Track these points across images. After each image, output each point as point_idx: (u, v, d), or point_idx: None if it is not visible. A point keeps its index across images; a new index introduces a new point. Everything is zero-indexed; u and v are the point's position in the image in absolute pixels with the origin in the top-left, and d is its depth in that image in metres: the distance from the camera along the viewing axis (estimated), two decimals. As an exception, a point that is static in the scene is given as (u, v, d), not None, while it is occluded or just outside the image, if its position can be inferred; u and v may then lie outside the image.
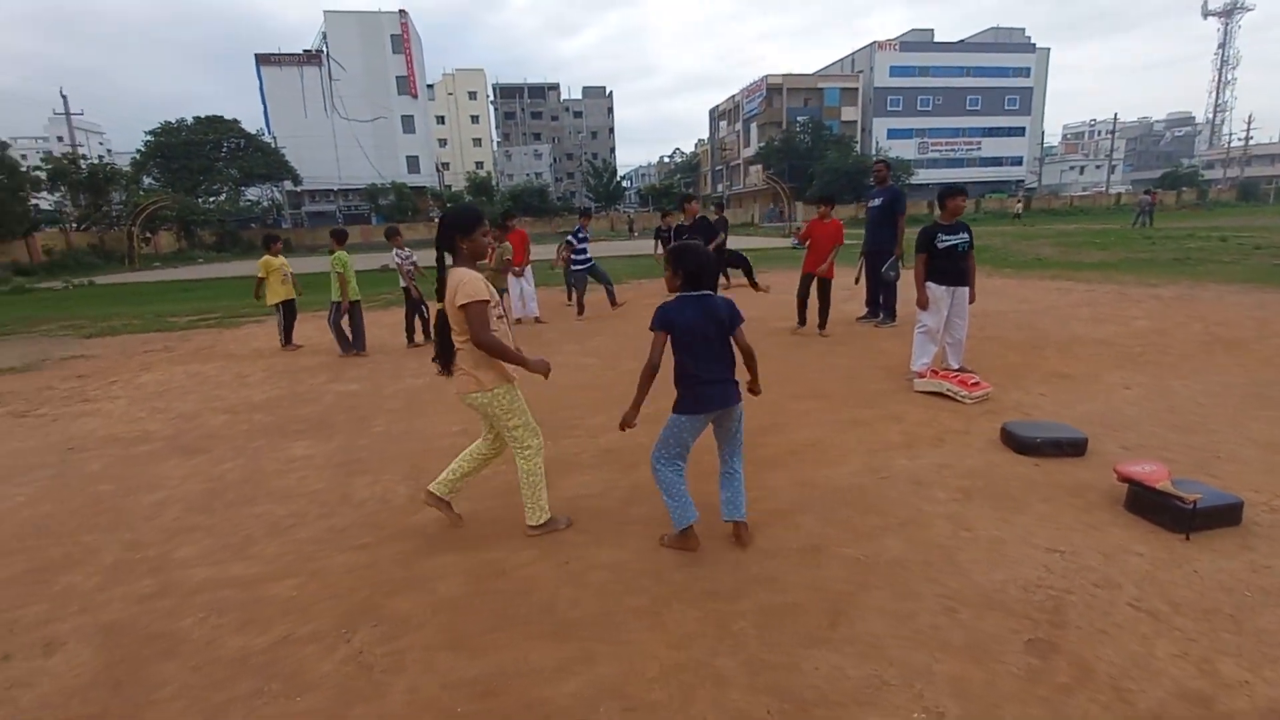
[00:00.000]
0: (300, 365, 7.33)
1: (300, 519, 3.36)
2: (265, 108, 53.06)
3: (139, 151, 41.15)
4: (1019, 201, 45.22)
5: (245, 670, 2.21)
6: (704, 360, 2.71)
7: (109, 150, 67.75)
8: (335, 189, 55.22)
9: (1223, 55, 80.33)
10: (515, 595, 2.58)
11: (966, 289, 5.31)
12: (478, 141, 77.98)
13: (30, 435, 5.09)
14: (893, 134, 59.80)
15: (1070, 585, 2.48)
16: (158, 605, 2.63)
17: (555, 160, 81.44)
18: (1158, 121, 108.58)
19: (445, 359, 2.89)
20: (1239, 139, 68.85)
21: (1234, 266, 12.24)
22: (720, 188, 71.31)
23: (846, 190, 52.17)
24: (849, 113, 61.08)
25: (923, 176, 55.89)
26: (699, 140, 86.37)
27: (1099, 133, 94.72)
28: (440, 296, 2.80)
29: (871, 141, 58.68)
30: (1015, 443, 3.79)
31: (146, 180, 39.00)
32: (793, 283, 8.12)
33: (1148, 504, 2.94)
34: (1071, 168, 79.25)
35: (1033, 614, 2.32)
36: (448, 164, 71.40)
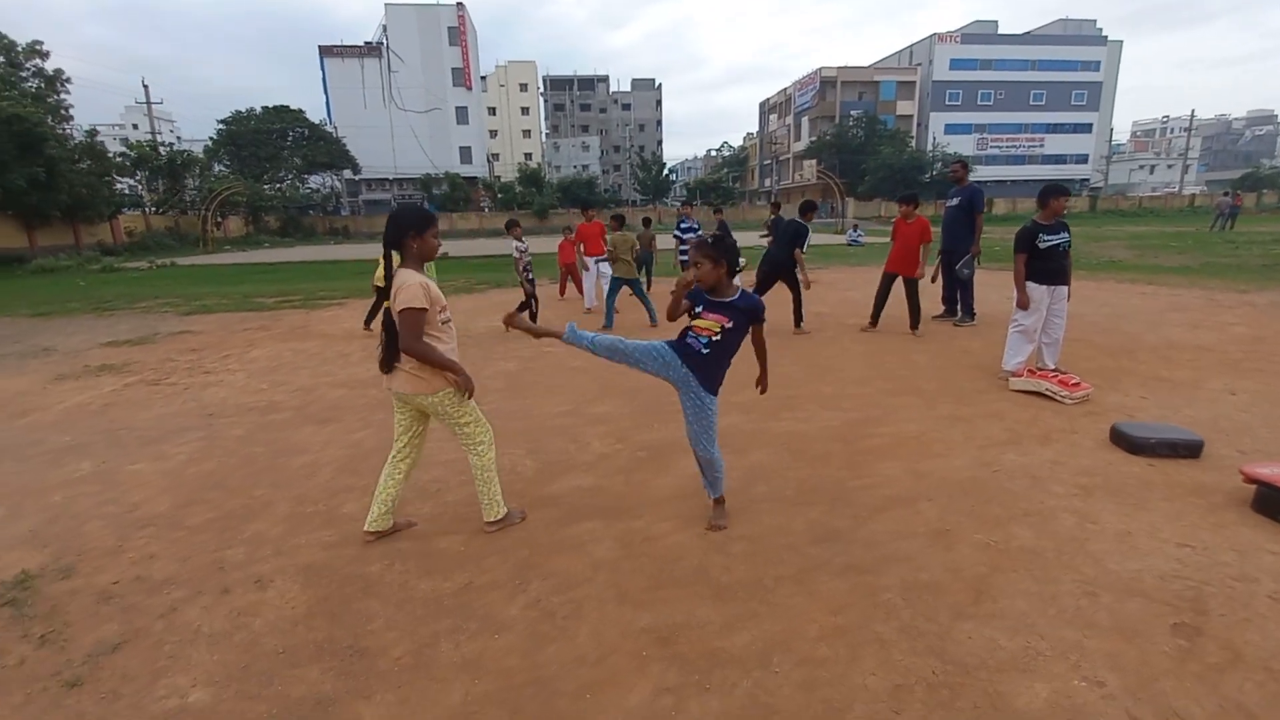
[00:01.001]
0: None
1: (443, 485, 3.65)
2: (327, 98, 54.83)
3: (211, 139, 43.11)
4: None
5: (441, 610, 2.48)
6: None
7: (179, 138, 70.84)
8: (391, 178, 56.71)
9: (1314, 49, 75.10)
10: (667, 560, 2.79)
11: (1066, 288, 5.31)
12: (527, 133, 78.82)
13: (169, 402, 5.56)
14: (950, 129, 58.16)
15: (1206, 578, 2.56)
16: (342, 552, 2.94)
17: (603, 153, 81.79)
18: (1237, 119, 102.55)
19: (388, 356, 2.77)
20: (1329, 138, 64.50)
21: (1330, 274, 11.67)
22: (768, 182, 70.58)
23: (900, 186, 51.08)
24: (905, 107, 59.67)
25: (981, 173, 54.21)
26: (747, 134, 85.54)
27: (1171, 130, 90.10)
28: (387, 294, 2.73)
29: (928, 136, 57.19)
30: (1127, 443, 3.83)
31: (217, 167, 40.80)
32: (854, 280, 8.13)
33: (1275, 505, 2.97)
34: (1141, 166, 75.79)
35: (1173, 601, 2.42)
36: (498, 155, 72.52)
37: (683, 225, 10.10)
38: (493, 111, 73.45)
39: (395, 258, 2.78)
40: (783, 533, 3.00)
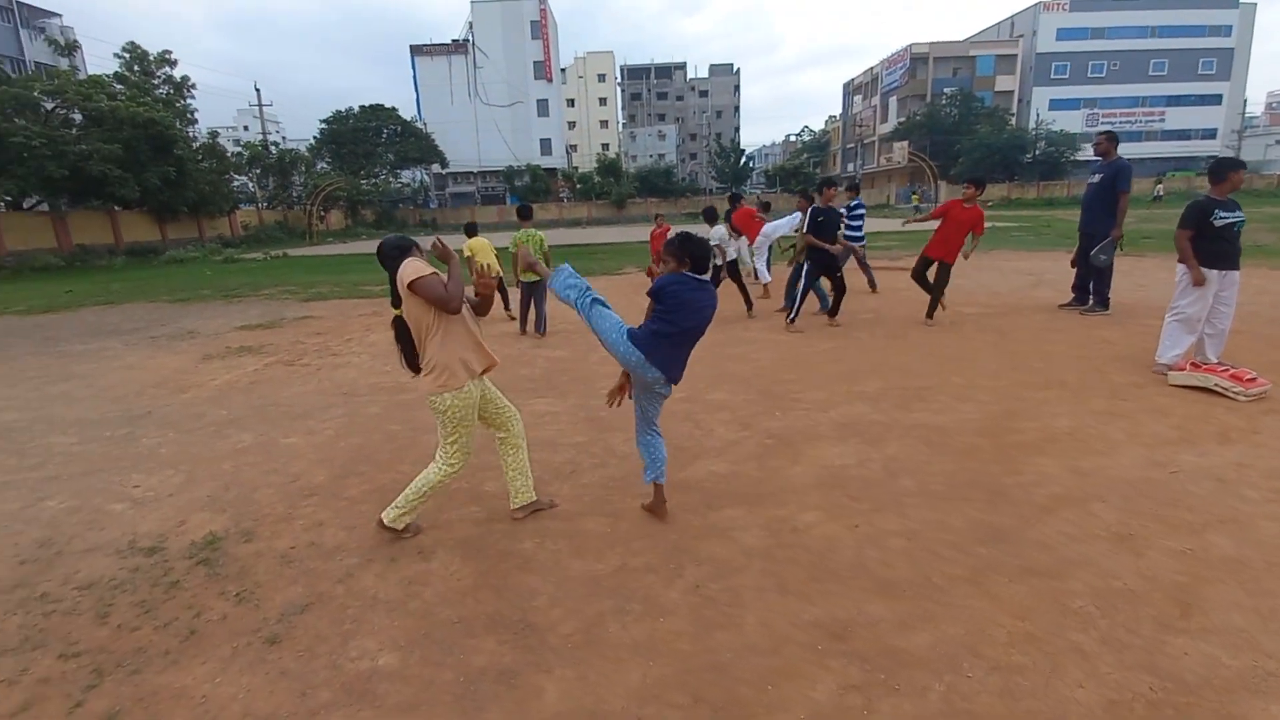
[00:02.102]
0: (501, 332, 7.95)
1: (577, 466, 3.70)
2: (418, 96, 57.15)
3: (314, 138, 45.86)
4: (1159, 183, 39.81)
5: (600, 590, 2.50)
6: (681, 339, 2.82)
7: (284, 138, 75.89)
8: (475, 171, 58.60)
9: None
10: (821, 552, 2.70)
11: (1237, 274, 4.77)
12: (604, 123, 79.38)
13: (306, 381, 5.93)
14: (1055, 104, 53.96)
15: None
16: (494, 528, 3.02)
17: (680, 141, 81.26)
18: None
19: (410, 361, 2.87)
20: None
21: None
22: (851, 167, 68.00)
23: (998, 168, 48.00)
24: (1004, 82, 55.85)
25: (1089, 152, 50.08)
26: (829, 117, 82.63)
27: (1320, 98, 79.84)
28: (395, 303, 2.81)
29: (1030, 113, 53.29)
30: (1331, 445, 3.39)
31: (320, 164, 43.41)
32: (959, 267, 7.53)
33: None
34: (1276, 141, 67.69)
35: None
36: (575, 146, 73.46)
37: (855, 209, 9.67)
38: (571, 103, 74.37)
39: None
40: (941, 529, 2.83)
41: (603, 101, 79.12)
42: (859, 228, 9.11)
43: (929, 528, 2.85)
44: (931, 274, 7.18)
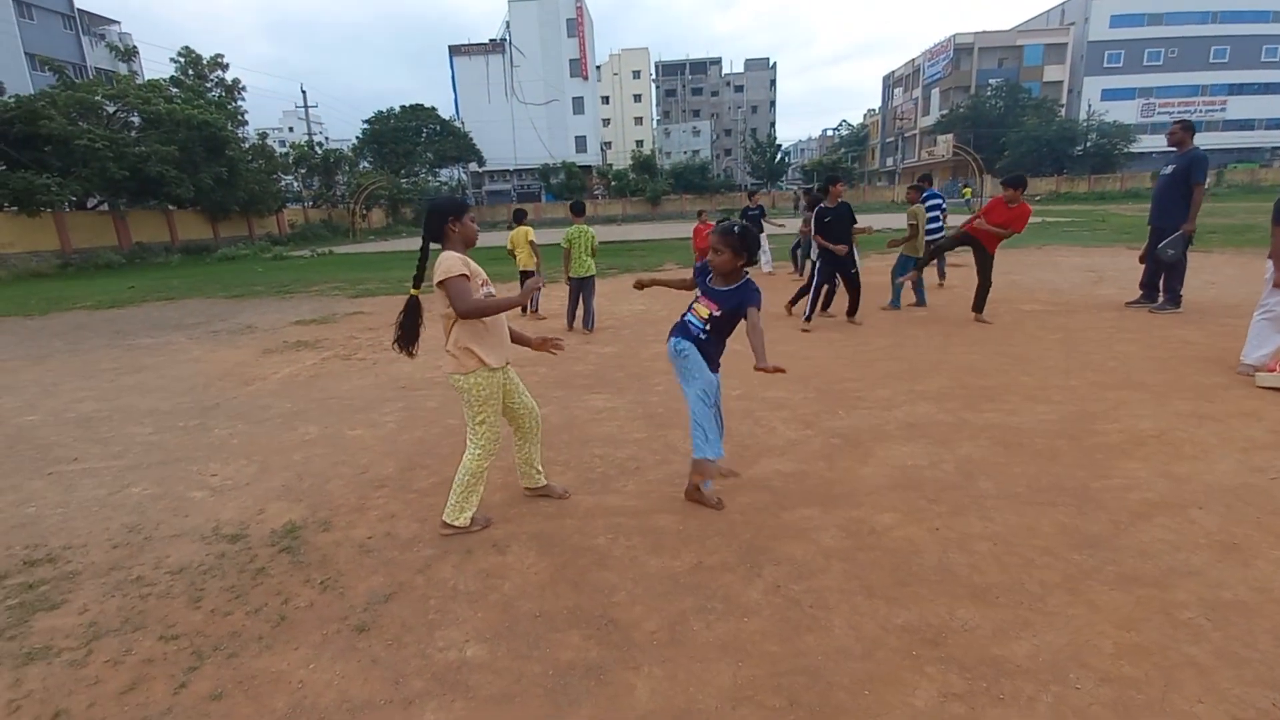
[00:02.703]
0: (545, 327, 7.99)
1: (641, 463, 3.68)
2: (455, 95, 58.02)
3: (357, 138, 46.97)
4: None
5: (679, 587, 2.47)
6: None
7: (326, 138, 77.94)
8: (511, 169, 59.23)
9: None
10: (903, 554, 2.62)
11: (1334, 269, 4.49)
12: (639, 120, 79.32)
13: (363, 375, 6.06)
14: (1108, 95, 52.03)
15: None
16: (565, 523, 3.02)
17: (715, 136, 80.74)
18: None
19: (404, 340, 2.95)
20: None
21: None
22: (890, 161, 66.63)
23: (1046, 161, 46.51)
24: (1053, 72, 54.10)
25: (1145, 144, 48.12)
26: (868, 110, 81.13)
27: (1400, 84, 75.02)
28: (416, 283, 2.88)
29: (1080, 104, 51.46)
30: None
31: (362, 164, 44.43)
32: (1010, 263, 7.31)
33: None
34: (1354, 130, 63.83)
35: None
36: (610, 143, 73.62)
37: (930, 199, 9.53)
38: (605, 100, 74.51)
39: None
40: (1030, 533, 2.73)
41: (637, 98, 79.07)
42: (937, 218, 8.83)
43: (1015, 532, 2.75)
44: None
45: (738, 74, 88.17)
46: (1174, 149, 7.03)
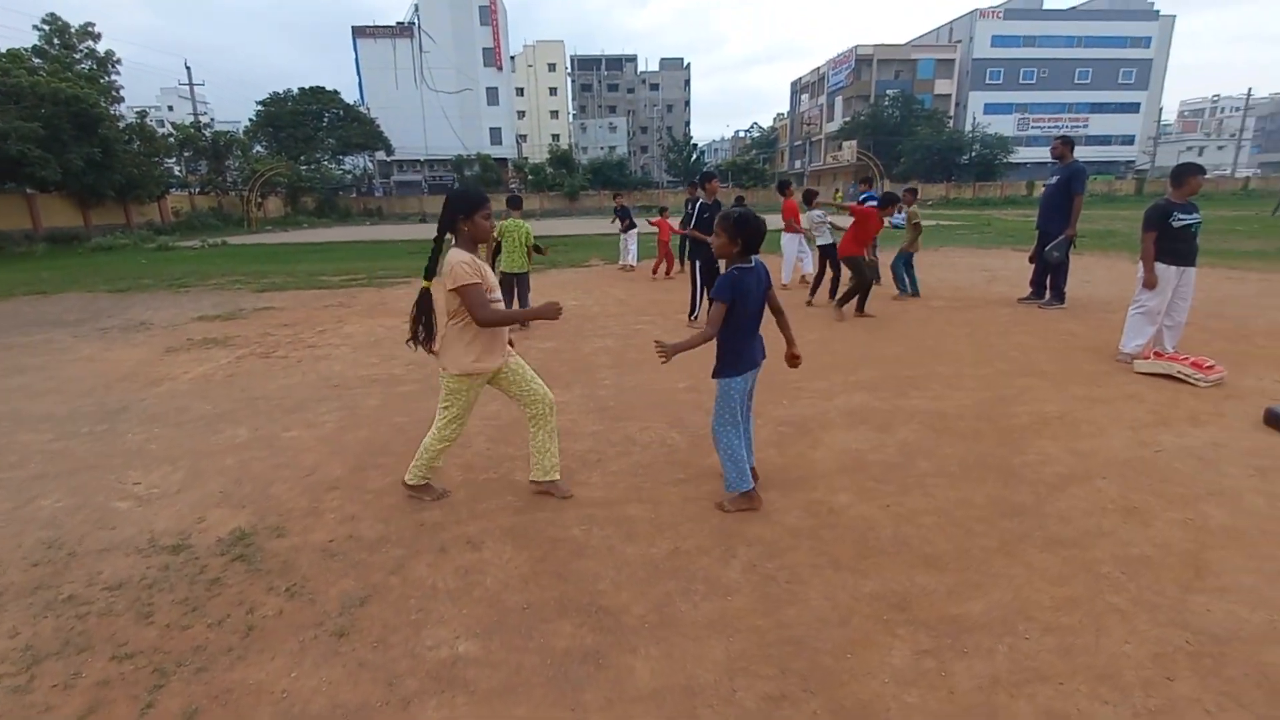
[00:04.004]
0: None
1: (601, 455, 3.72)
2: (360, 80, 55.09)
3: (250, 120, 43.61)
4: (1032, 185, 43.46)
5: (660, 572, 2.55)
6: (749, 325, 2.94)
7: (213, 120, 72.05)
8: (422, 159, 57.00)
9: (1379, 23, 71.46)
10: (862, 530, 2.83)
11: (1194, 270, 5.19)
12: (555, 114, 78.50)
13: (289, 374, 5.71)
14: (990, 109, 56.70)
15: None
16: (536, 516, 3.02)
17: (631, 134, 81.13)
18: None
19: (416, 334, 2.98)
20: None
21: None
22: (799, 164, 69.54)
23: (937, 168, 50.03)
24: (943, 86, 58.27)
25: (1022, 155, 52.91)
26: (778, 114, 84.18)
27: (1222, 110, 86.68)
28: (428, 275, 2.87)
29: (966, 116, 55.78)
30: (1288, 425, 3.76)
31: (256, 148, 41.32)
32: (929, 259, 7.94)
33: None
34: (1189, 148, 73.11)
35: (1405, 580, 2.39)
36: (525, 136, 72.39)
37: (868, 200, 10.00)
38: (520, 92, 73.17)
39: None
40: (967, 506, 3.01)
41: (553, 91, 78.18)
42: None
43: (954, 505, 3.03)
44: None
45: (653, 72, 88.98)
46: (1057, 161, 7.82)
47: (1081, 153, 7.74)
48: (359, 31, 55.50)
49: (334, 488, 3.38)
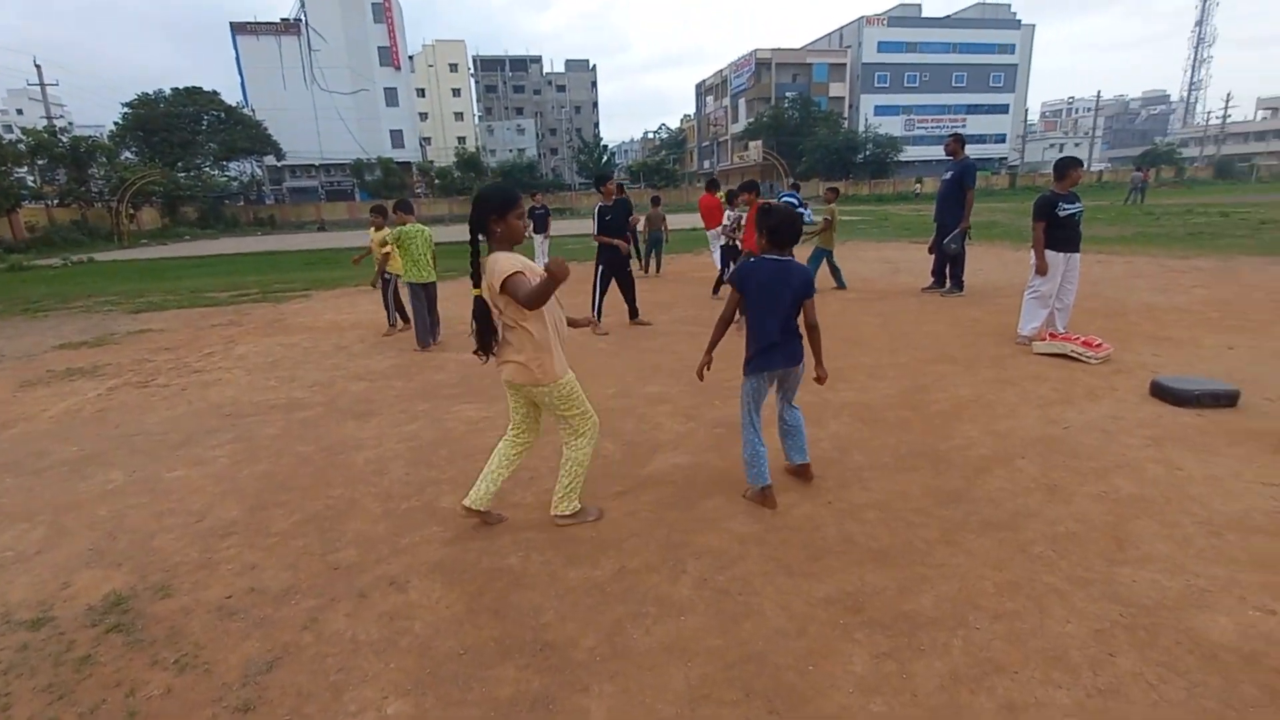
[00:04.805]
0: (397, 337, 7.36)
1: (534, 472, 3.51)
2: (242, 79, 51.35)
3: (116, 124, 39.59)
4: (918, 181, 47.03)
5: (608, 597, 2.40)
6: (769, 322, 2.91)
7: (70, 124, 64.92)
8: (318, 163, 53.85)
9: (1199, 33, 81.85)
10: (808, 530, 2.79)
11: (1079, 256, 5.59)
12: (459, 115, 76.32)
13: (172, 404, 5.11)
14: (880, 110, 60.10)
15: (1305, 512, 2.77)
16: (468, 546, 2.79)
17: (540, 135, 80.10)
18: (1133, 100, 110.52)
19: (485, 343, 2.73)
20: (1217, 117, 70.56)
21: (1248, 240, 12.80)
22: (707, 164, 71.08)
23: (836, 167, 52.49)
24: (837, 89, 61.17)
25: (910, 153, 56.43)
26: (685, 116, 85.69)
27: (1076, 110, 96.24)
28: (476, 282, 2.64)
29: (859, 118, 58.90)
30: (1172, 396, 4.09)
31: (125, 154, 37.55)
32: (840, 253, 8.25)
33: (1336, 444, 3.24)
34: (1051, 145, 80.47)
35: (1290, 535, 2.61)
36: (429, 138, 69.93)
37: (784, 197, 10.09)
38: (421, 93, 70.61)
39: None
40: (905, 497, 3.05)
41: (456, 93, 75.97)
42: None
43: (893, 497, 3.06)
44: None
45: (559, 74, 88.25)
46: (950, 157, 8.29)
47: (965, 150, 8.21)
48: (238, 28, 51.70)
49: (229, 533, 2.99)
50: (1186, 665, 1.94)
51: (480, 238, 2.65)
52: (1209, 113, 75.21)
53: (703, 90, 74.43)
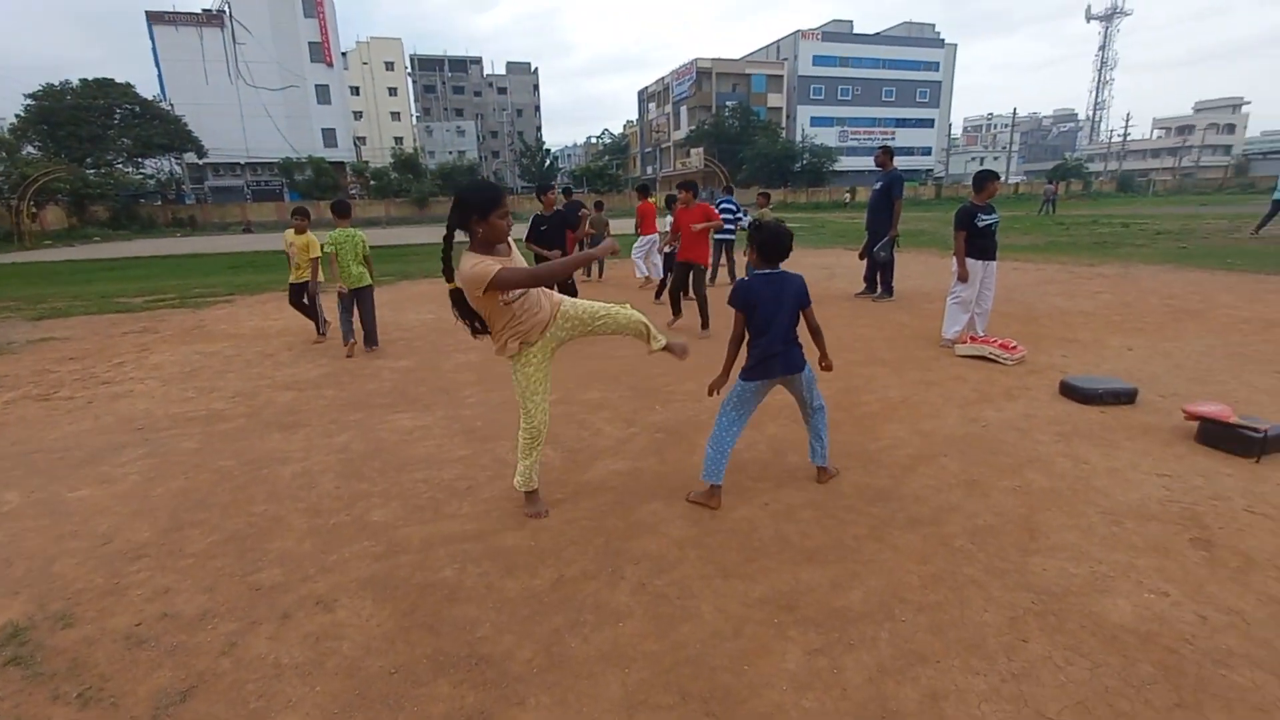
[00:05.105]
0: (327, 344, 7.08)
1: (471, 481, 3.45)
2: (160, 72, 48.44)
3: (18, 116, 36.59)
4: (847, 191, 49.42)
5: (545, 606, 2.37)
6: (770, 333, 3.00)
7: (-40, 113, 59.70)
8: (243, 162, 51.31)
9: (1103, 57, 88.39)
10: (745, 533, 2.84)
11: (995, 263, 5.92)
12: (396, 115, 74.32)
13: (78, 419, 4.75)
14: (816, 121, 62.10)
15: (1193, 500, 3.02)
16: (401, 560, 2.70)
17: (481, 138, 78.87)
18: (1046, 117, 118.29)
19: (474, 327, 2.85)
20: (1118, 135, 76.28)
21: (1147, 249, 13.87)
22: (650, 170, 71.67)
23: (775, 175, 53.90)
24: (775, 99, 62.87)
25: (844, 164, 58.53)
26: (628, 121, 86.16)
27: (995, 126, 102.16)
28: (449, 277, 2.66)
29: (796, 128, 60.67)
30: (1078, 395, 4.39)
31: (27, 149, 34.76)
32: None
33: (1218, 436, 3.55)
34: (973, 159, 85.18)
35: (1179, 521, 2.84)
36: (364, 138, 67.79)
37: (724, 205, 10.30)
38: (356, 91, 68.40)
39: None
40: (837, 496, 3.15)
41: (393, 92, 73.95)
42: (732, 224, 10.29)
43: (826, 496, 3.15)
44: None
45: (500, 75, 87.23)
46: (880, 168, 8.65)
47: (894, 162, 8.58)
48: (155, 18, 48.74)
49: (140, 556, 2.80)
50: (1090, 647, 2.08)
51: (457, 236, 2.62)
52: (1111, 131, 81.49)
53: (645, 97, 75.04)
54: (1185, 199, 46.55)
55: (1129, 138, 76.48)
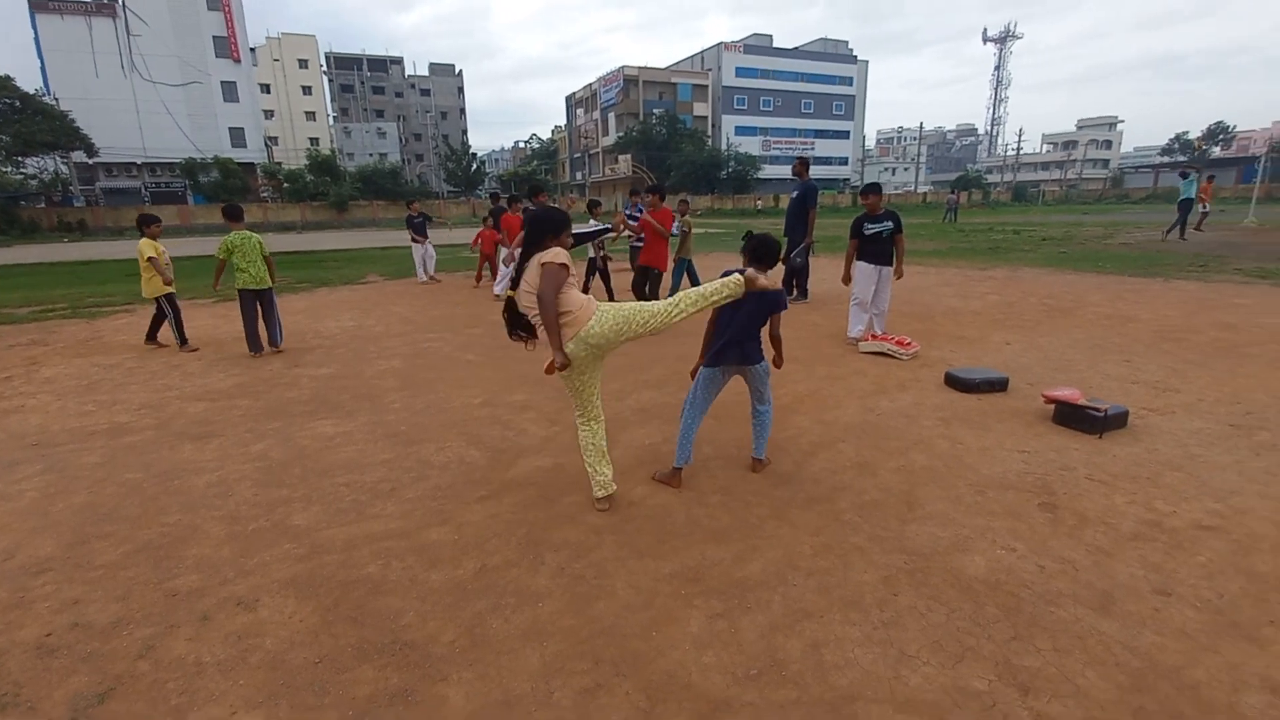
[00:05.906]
0: (237, 353, 6.84)
1: (396, 484, 3.51)
2: (43, 64, 44.47)
3: None
4: (758, 199, 52.57)
5: (469, 594, 2.50)
6: (732, 326, 3.35)
7: None
8: (140, 162, 47.77)
9: (998, 76, 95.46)
10: (659, 518, 3.06)
11: (889, 268, 6.45)
12: (311, 115, 71.23)
13: (-42, 436, 4.45)
14: (740, 130, 63.95)
15: (1045, 471, 3.48)
16: (325, 560, 2.76)
17: (403, 140, 76.60)
18: (949, 131, 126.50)
19: (513, 332, 3.15)
20: (1012, 149, 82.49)
21: (1032, 254, 15.21)
22: (579, 175, 71.77)
23: (702, 182, 55.16)
24: (700, 108, 64.30)
25: (767, 172, 60.60)
26: (556, 127, 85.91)
27: (905, 139, 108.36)
28: (515, 285, 2.96)
29: (721, 137, 62.30)
30: (959, 384, 4.88)
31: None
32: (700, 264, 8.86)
33: (1069, 416, 4.08)
34: (885, 169, 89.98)
35: (1032, 489, 3.27)
36: (276, 138, 64.50)
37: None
38: (267, 89, 65.05)
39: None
40: (746, 481, 3.43)
41: (307, 90, 70.85)
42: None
43: (735, 482, 3.42)
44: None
45: (423, 77, 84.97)
46: (796, 178, 9.16)
47: (813, 172, 9.13)
48: (37, 5, 44.62)
49: (44, 570, 2.73)
50: (949, 596, 2.41)
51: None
52: (1007, 145, 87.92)
53: (573, 103, 75.07)
54: (1071, 208, 50.91)
55: (1022, 151, 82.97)
